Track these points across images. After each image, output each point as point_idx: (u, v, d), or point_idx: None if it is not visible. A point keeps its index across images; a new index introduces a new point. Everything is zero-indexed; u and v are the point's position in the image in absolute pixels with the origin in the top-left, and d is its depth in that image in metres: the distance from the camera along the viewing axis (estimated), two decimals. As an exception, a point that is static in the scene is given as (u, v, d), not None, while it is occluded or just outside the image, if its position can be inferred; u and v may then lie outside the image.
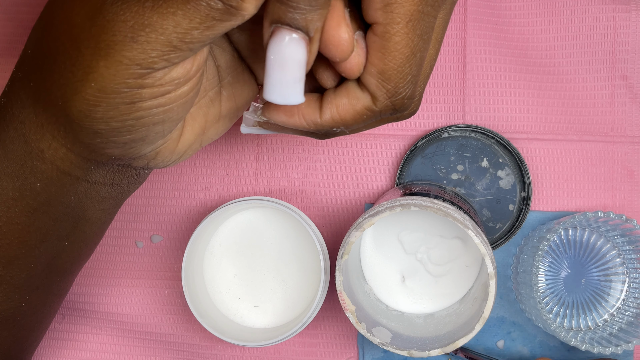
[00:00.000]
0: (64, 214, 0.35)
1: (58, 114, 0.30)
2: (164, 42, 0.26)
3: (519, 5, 0.52)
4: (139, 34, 0.26)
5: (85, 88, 0.28)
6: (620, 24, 0.51)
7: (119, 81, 0.27)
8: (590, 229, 0.50)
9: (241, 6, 0.26)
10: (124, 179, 0.35)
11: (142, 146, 0.32)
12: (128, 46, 0.26)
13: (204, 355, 0.52)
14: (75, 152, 0.32)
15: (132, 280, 0.53)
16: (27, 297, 0.37)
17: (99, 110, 0.28)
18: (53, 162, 0.32)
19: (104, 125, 0.29)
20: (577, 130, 0.51)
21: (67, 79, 0.28)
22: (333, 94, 0.33)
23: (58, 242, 0.36)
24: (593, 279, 0.50)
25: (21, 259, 0.35)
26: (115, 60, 0.27)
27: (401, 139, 0.52)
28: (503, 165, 0.51)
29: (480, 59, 0.51)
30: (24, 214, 0.34)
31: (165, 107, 0.29)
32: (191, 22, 0.26)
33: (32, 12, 0.54)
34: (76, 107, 0.29)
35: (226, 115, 0.36)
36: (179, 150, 0.34)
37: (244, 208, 0.50)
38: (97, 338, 0.52)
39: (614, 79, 0.51)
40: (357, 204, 0.52)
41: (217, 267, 0.51)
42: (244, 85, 0.37)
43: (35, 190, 0.33)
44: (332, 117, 0.33)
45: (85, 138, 0.30)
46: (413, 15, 0.29)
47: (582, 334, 0.49)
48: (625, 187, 0.51)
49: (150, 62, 0.27)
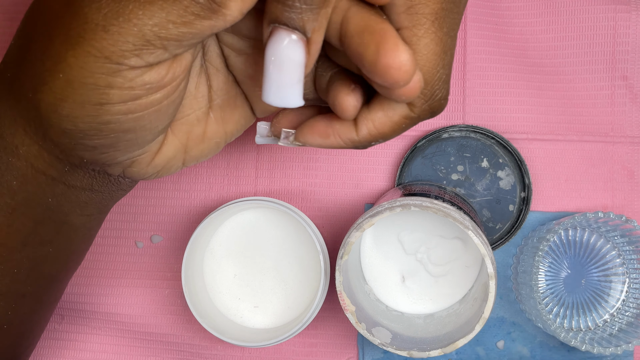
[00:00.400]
0: (45, 216, 0.34)
1: (29, 106, 0.29)
2: (136, 35, 0.25)
3: (519, 6, 0.52)
4: (111, 22, 0.25)
5: (54, 79, 0.27)
6: (621, 24, 0.51)
7: (86, 74, 0.26)
8: (590, 230, 0.50)
9: (225, 4, 0.25)
10: (104, 185, 0.34)
11: (114, 153, 0.30)
12: (98, 35, 0.25)
13: (204, 355, 0.52)
14: (48, 150, 0.31)
15: (132, 281, 0.53)
16: (13, 304, 0.36)
17: (66, 106, 0.27)
18: (27, 159, 0.31)
19: (70, 124, 0.28)
20: (577, 130, 0.51)
21: (37, 69, 0.27)
22: (367, 109, 0.32)
23: (41, 248, 0.35)
24: (593, 280, 0.50)
25: (2, 263, 0.34)
26: (83, 51, 0.26)
27: (401, 139, 0.52)
28: (503, 165, 0.51)
29: (480, 59, 0.51)
30: (2, 213, 0.33)
31: (134, 115, 0.28)
32: (168, 14, 0.25)
33: (32, 12, 0.54)
34: (44, 99, 0.28)
35: (212, 137, 0.35)
36: (157, 164, 0.33)
37: (244, 208, 0.50)
38: (96, 338, 0.52)
39: (614, 79, 0.51)
40: (357, 204, 0.52)
41: (217, 268, 0.51)
42: (235, 110, 0.35)
43: (12, 189, 0.32)
44: (369, 133, 0.32)
45: (54, 136, 0.29)
46: (438, 14, 0.28)
47: (582, 335, 0.49)
48: (626, 187, 0.51)
49: (120, 55, 0.25)
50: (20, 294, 0.37)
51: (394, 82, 0.27)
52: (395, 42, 0.27)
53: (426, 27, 0.28)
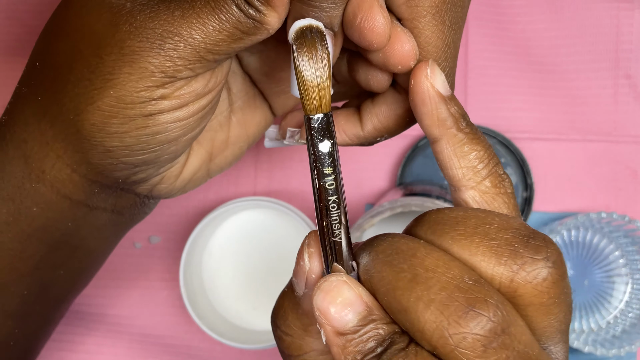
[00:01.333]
0: (61, 241, 0.34)
1: (68, 129, 0.29)
2: (191, 52, 0.26)
3: (522, 4, 0.51)
4: (167, 41, 0.26)
5: (103, 97, 0.27)
6: (624, 22, 0.51)
7: (140, 89, 0.27)
8: (593, 230, 0.50)
9: (264, 20, 0.26)
10: (126, 206, 0.34)
11: (151, 169, 0.31)
12: (155, 53, 0.26)
13: (203, 357, 0.52)
14: (80, 174, 0.30)
15: (130, 282, 0.52)
16: (21, 324, 0.36)
17: (114, 123, 0.28)
18: (54, 184, 0.31)
19: (117, 141, 0.28)
20: (580, 130, 0.51)
21: (83, 88, 0.28)
22: (371, 104, 0.32)
23: (52, 271, 0.35)
24: (596, 280, 0.50)
25: (12, 286, 0.34)
26: (140, 67, 0.27)
27: (402, 139, 0.51)
28: (505, 165, 0.51)
29: (482, 58, 0.51)
30: (17, 240, 0.32)
31: (182, 122, 0.29)
32: (220, 34, 0.26)
33: (31, 10, 0.54)
34: (89, 119, 0.28)
35: (235, 142, 0.35)
36: (184, 177, 0.33)
37: (243, 208, 0.50)
38: (94, 340, 0.52)
39: (617, 77, 0.51)
40: (357, 205, 0.52)
41: (216, 268, 0.50)
42: (255, 111, 0.36)
43: (31, 215, 0.32)
44: (374, 128, 0.32)
45: (95, 157, 0.29)
46: (439, 6, 0.28)
47: (584, 336, 0.49)
48: (629, 187, 0.51)
49: (175, 70, 0.27)
50: (27, 314, 0.36)
51: (368, 43, 0.27)
52: (370, 4, 0.27)
53: (427, 20, 0.28)
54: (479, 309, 0.20)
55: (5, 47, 0.54)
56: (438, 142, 0.27)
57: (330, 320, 0.22)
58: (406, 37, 0.28)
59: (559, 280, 0.22)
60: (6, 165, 0.31)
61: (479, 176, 0.26)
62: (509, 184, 0.26)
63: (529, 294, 0.22)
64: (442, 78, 0.27)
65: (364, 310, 0.22)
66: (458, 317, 0.20)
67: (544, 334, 0.23)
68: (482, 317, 0.20)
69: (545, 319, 0.22)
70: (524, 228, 0.23)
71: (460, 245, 0.22)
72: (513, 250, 0.22)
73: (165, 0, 0.26)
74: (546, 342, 0.23)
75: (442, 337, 0.20)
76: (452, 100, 0.27)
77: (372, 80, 0.30)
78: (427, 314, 0.21)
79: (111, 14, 0.27)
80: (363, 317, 0.22)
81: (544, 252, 0.22)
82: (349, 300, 0.22)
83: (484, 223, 0.23)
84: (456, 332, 0.20)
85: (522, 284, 0.22)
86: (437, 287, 0.21)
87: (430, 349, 0.21)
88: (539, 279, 0.22)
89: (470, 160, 0.26)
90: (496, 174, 0.26)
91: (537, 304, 0.22)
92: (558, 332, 0.23)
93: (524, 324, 0.22)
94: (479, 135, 0.27)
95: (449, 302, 0.21)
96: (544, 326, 0.23)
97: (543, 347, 0.23)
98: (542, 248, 0.22)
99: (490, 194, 0.26)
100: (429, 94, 0.26)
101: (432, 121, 0.26)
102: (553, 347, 0.23)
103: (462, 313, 0.20)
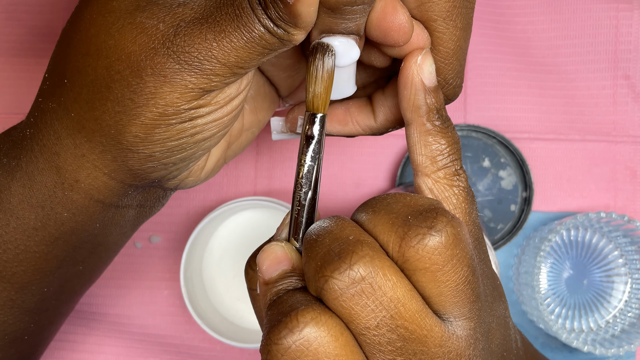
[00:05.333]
0: (85, 241, 0.35)
1: (107, 142, 0.30)
2: (225, 70, 0.28)
3: (521, 4, 0.51)
4: (204, 63, 0.27)
5: (145, 113, 0.28)
6: (623, 23, 0.51)
7: (180, 104, 0.28)
8: (593, 230, 0.50)
9: (293, 39, 0.28)
10: (150, 199, 0.35)
11: (185, 166, 0.32)
12: (193, 73, 0.28)
13: (203, 356, 0.52)
14: (117, 179, 0.31)
15: (131, 281, 0.52)
16: (37, 318, 0.37)
17: (157, 132, 0.29)
18: (88, 191, 0.32)
19: (159, 146, 0.30)
20: (579, 130, 0.51)
21: (124, 106, 0.29)
22: (383, 96, 0.33)
23: (73, 267, 0.36)
24: (595, 280, 0.50)
25: (34, 285, 0.35)
26: (180, 85, 0.28)
27: (402, 139, 0.51)
28: (505, 165, 0.51)
29: (481, 58, 0.51)
30: (43, 243, 0.33)
31: (218, 121, 0.30)
32: (251, 53, 0.28)
33: (31, 11, 0.54)
34: (132, 132, 0.29)
35: (248, 128, 0.36)
36: (208, 168, 0.34)
37: (244, 208, 0.50)
38: (95, 339, 0.52)
39: (617, 78, 0.51)
40: (357, 204, 0.52)
41: (217, 268, 0.50)
42: (265, 97, 0.37)
43: (61, 220, 0.33)
44: (386, 119, 0.33)
45: (136, 164, 0.30)
46: (449, 10, 0.29)
47: (584, 335, 0.49)
48: (628, 187, 0.51)
49: (212, 86, 0.28)
50: (44, 309, 0.37)
51: (394, 41, 0.29)
52: (394, 6, 0.28)
53: (438, 24, 0.29)
54: (343, 259, 0.24)
55: (5, 48, 0.54)
56: (409, 127, 0.29)
57: (262, 273, 0.27)
58: (420, 29, 0.29)
59: (443, 248, 0.25)
60: (36, 175, 0.32)
61: (435, 166, 0.29)
62: (463, 179, 0.29)
63: (413, 258, 0.25)
64: (430, 69, 0.29)
65: (287, 268, 0.27)
66: (326, 263, 0.24)
67: (438, 303, 0.25)
68: (342, 264, 0.24)
69: (434, 286, 0.25)
70: (429, 206, 0.26)
71: (367, 219, 0.26)
72: (405, 220, 0.25)
73: (195, 21, 0.27)
74: (445, 313, 0.26)
75: (315, 280, 0.25)
76: (433, 92, 0.29)
77: (376, 61, 0.32)
78: (311, 263, 0.25)
79: (146, 36, 0.28)
80: (284, 272, 0.27)
81: (430, 221, 0.25)
82: (278, 259, 0.27)
83: (394, 202, 0.26)
84: (322, 275, 0.24)
85: (407, 248, 0.25)
86: (325, 242, 0.25)
87: (313, 293, 0.25)
88: (422, 244, 0.24)
89: (432, 151, 0.29)
90: (452, 168, 0.29)
91: (422, 269, 0.25)
92: (455, 306, 0.25)
93: (402, 285, 0.24)
94: (447, 131, 0.29)
95: (327, 253, 0.25)
96: (436, 294, 0.25)
97: (443, 319, 0.26)
98: (430, 218, 0.25)
99: (442, 183, 0.29)
100: (412, 80, 0.29)
101: (408, 105, 0.29)
102: (454, 321, 0.26)
103: (330, 260, 0.24)
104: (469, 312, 0.26)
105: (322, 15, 0.27)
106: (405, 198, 0.26)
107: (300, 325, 0.24)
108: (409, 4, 0.29)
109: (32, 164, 0.32)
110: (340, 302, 0.24)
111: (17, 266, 0.34)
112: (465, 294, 0.25)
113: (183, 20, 0.27)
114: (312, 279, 0.25)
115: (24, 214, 0.32)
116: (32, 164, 0.32)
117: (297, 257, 0.28)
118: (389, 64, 0.32)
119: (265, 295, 0.27)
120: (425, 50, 0.29)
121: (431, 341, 0.25)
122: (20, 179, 0.32)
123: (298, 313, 0.24)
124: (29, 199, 0.32)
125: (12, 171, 0.32)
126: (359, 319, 0.24)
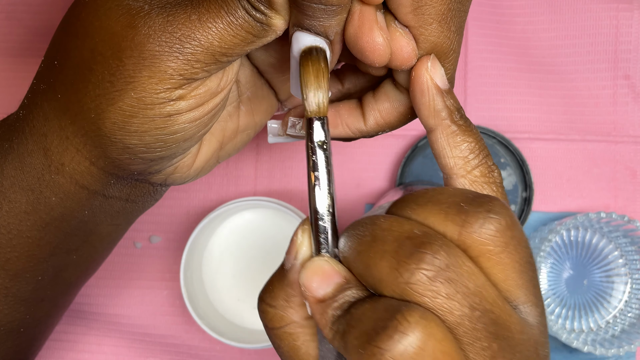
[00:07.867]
0: (76, 228, 0.35)
1: (88, 126, 0.30)
2: (207, 55, 0.27)
3: (521, 4, 0.51)
4: (185, 46, 0.27)
5: (123, 98, 0.28)
6: (623, 23, 0.51)
7: (159, 91, 0.28)
8: (593, 230, 0.50)
9: (271, 23, 0.27)
10: (140, 195, 0.35)
11: (165, 162, 0.32)
12: (174, 57, 0.27)
13: (203, 357, 0.52)
14: (99, 167, 0.31)
15: (131, 281, 0.52)
16: (32, 309, 0.37)
17: (134, 122, 0.29)
18: (72, 175, 0.32)
19: (136, 139, 0.29)
20: (579, 130, 0.51)
21: (104, 89, 0.28)
22: (373, 100, 0.33)
23: (66, 256, 0.36)
24: (595, 280, 0.50)
25: (29, 272, 0.35)
26: (159, 70, 0.27)
27: (402, 139, 0.51)
28: (505, 165, 0.51)
29: (481, 59, 0.51)
30: (35, 228, 0.33)
31: (197, 121, 0.30)
32: (234, 38, 0.27)
33: (31, 11, 0.54)
34: (110, 119, 0.29)
35: (244, 130, 0.36)
36: (197, 166, 0.34)
37: (244, 208, 0.50)
38: (94, 339, 0.52)
39: (617, 78, 0.51)
40: (357, 205, 0.52)
41: (216, 268, 0.50)
42: (263, 100, 0.37)
43: (50, 205, 0.33)
44: (376, 123, 0.33)
45: (114, 153, 0.30)
46: (444, 14, 0.29)
47: (584, 336, 0.49)
48: (628, 187, 0.51)
49: (192, 72, 0.28)
50: (39, 299, 0.37)
51: (370, 62, 0.29)
52: (370, 26, 0.28)
53: (433, 27, 0.29)
54: (424, 249, 0.23)
55: (5, 48, 0.54)
56: (433, 132, 0.29)
57: (312, 292, 0.25)
58: (405, 42, 0.29)
59: (503, 229, 0.24)
60: (26, 157, 0.32)
61: (469, 165, 0.28)
62: (497, 174, 0.28)
63: (476, 243, 0.24)
64: (442, 72, 0.29)
65: (341, 281, 0.25)
66: (406, 258, 0.23)
67: (505, 288, 0.24)
68: (426, 255, 0.23)
69: (500, 270, 0.24)
70: (476, 193, 0.25)
71: (416, 213, 0.25)
72: (459, 207, 0.24)
73: (180, 3, 0.27)
74: (514, 300, 0.25)
75: (395, 278, 0.23)
76: (449, 94, 0.28)
77: (371, 70, 0.32)
78: (383, 262, 0.23)
79: (130, 16, 0.28)
80: (339, 285, 0.25)
81: (486, 205, 0.24)
82: (327, 274, 0.25)
83: (438, 194, 0.25)
84: (406, 269, 0.23)
85: (468, 234, 0.24)
86: (390, 240, 0.24)
87: (392, 294, 0.23)
88: (483, 229, 0.24)
89: (462, 151, 0.28)
90: (486, 165, 0.28)
91: (486, 254, 0.24)
92: (521, 289, 0.25)
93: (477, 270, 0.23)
94: (471, 128, 0.28)
95: (399, 248, 0.23)
96: (502, 278, 0.24)
97: (512, 306, 0.24)
98: (485, 202, 0.24)
99: (479, 182, 0.28)
100: (427, 86, 0.28)
101: (429, 112, 0.28)
102: (522, 307, 0.25)
103: (409, 254, 0.23)
104: (534, 297, 0.25)
105: (293, 10, 0.27)
106: (447, 190, 0.25)
107: (412, 325, 0.22)
108: (404, 8, 0.29)
109: (22, 145, 0.32)
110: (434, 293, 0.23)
111: (10, 252, 0.34)
112: (529, 276, 0.25)
113: (169, 2, 0.27)
114: (388, 278, 0.23)
115: (15, 197, 0.33)
116: (22, 145, 0.32)
117: (344, 268, 0.26)
118: (386, 72, 0.32)
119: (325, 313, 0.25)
120: (432, 56, 0.29)
121: (513, 327, 0.24)
122: (12, 161, 0.32)
123: (405, 313, 0.22)
124: (20, 182, 0.32)
125: (5, 153, 0.32)
126: (455, 308, 0.23)
